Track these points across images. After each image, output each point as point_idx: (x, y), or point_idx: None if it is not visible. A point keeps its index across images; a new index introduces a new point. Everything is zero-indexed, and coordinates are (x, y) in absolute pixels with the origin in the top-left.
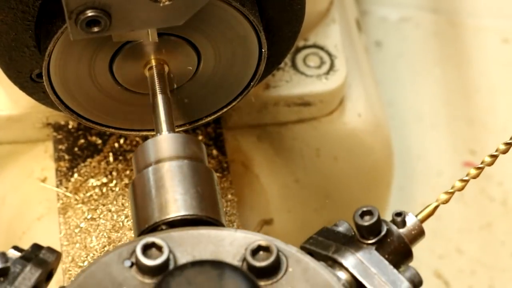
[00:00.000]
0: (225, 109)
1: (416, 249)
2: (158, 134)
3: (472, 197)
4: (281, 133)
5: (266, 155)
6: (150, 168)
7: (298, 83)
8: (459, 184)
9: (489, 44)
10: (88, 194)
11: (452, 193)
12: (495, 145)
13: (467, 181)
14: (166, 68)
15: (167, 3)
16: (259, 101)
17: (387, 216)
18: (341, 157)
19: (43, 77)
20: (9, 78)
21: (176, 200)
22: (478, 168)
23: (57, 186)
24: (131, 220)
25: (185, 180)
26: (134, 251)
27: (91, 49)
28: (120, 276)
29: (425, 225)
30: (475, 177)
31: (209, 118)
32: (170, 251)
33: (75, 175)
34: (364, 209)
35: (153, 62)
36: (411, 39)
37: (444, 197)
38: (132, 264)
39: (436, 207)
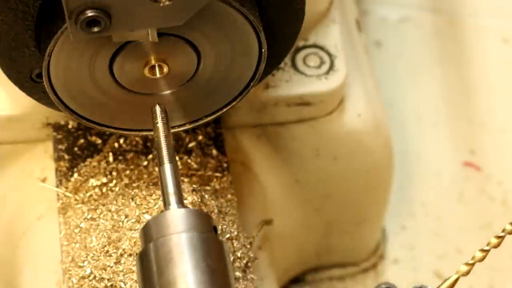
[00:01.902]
0: (225, 109)
1: (416, 249)
2: (167, 208)
3: (472, 197)
4: (281, 133)
5: (266, 155)
6: (158, 241)
7: (298, 83)
8: (479, 255)
9: (489, 44)
10: (88, 194)
11: (473, 264)
12: (495, 145)
13: (487, 251)
14: (166, 68)
15: (167, 3)
16: (259, 101)
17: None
18: (341, 157)
19: (43, 77)
20: (9, 78)
21: (185, 275)
22: (499, 237)
23: (57, 186)
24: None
25: (195, 253)
26: None
27: (91, 49)
28: None
29: (425, 225)
30: (496, 246)
31: (209, 118)
32: None
33: (75, 175)
34: (383, 286)
35: (153, 62)
36: (411, 39)
37: (464, 268)
38: None
39: (456, 280)
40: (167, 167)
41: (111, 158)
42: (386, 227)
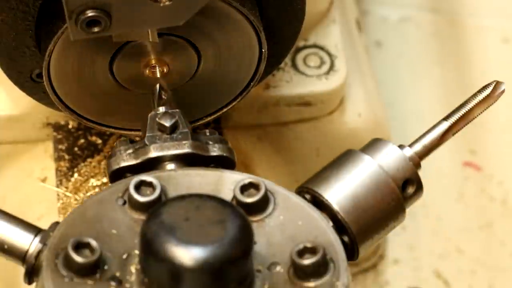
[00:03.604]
0: (225, 109)
1: (416, 249)
2: None
3: (472, 197)
4: (281, 133)
5: (266, 155)
6: None
7: (298, 83)
8: None
9: (489, 44)
10: (88, 194)
11: None
12: (496, 145)
13: None
14: (166, 68)
15: (167, 3)
16: (259, 101)
17: None
18: None
19: (43, 77)
20: (9, 78)
21: None
22: None
23: (57, 186)
24: None
25: None
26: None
27: (91, 49)
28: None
29: (425, 225)
30: None
31: (209, 118)
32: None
33: (75, 175)
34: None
35: (153, 62)
36: (411, 39)
37: None
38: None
39: None
40: None
41: None
42: None
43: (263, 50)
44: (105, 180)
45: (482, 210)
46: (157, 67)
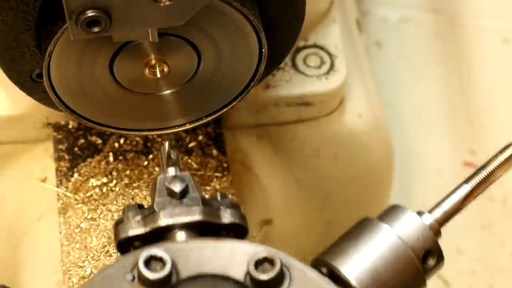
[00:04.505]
0: (225, 109)
1: None
2: None
3: None
4: (281, 133)
5: (266, 155)
6: None
7: (298, 83)
8: None
9: (489, 44)
10: (88, 194)
11: None
12: (495, 145)
13: None
14: (166, 68)
15: (167, 3)
16: (259, 101)
17: None
18: (341, 157)
19: (43, 77)
20: (9, 78)
21: None
22: None
23: (57, 186)
24: None
25: None
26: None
27: (91, 49)
28: None
29: None
30: None
31: (209, 118)
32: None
33: (75, 175)
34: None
35: (153, 62)
36: (411, 39)
37: None
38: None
39: None
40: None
41: (111, 158)
42: None
43: (263, 50)
44: (105, 180)
45: (482, 210)
46: (157, 67)
